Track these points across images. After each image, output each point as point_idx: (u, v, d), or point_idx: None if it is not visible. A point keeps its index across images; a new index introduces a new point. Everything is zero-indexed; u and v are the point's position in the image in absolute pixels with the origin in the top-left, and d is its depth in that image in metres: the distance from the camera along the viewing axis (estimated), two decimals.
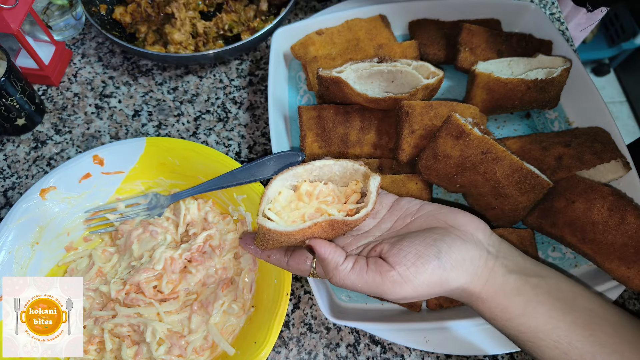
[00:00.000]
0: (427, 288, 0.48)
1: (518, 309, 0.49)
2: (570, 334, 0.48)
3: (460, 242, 0.50)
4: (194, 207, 0.71)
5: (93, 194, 0.71)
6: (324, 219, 0.50)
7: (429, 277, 0.48)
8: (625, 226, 0.62)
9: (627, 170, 0.71)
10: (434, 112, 0.70)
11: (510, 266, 0.51)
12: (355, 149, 0.75)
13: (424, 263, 0.48)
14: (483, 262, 0.50)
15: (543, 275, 0.52)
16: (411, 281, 0.47)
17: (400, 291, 0.48)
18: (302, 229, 0.49)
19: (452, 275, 0.48)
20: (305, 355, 0.68)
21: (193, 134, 0.85)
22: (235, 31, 0.91)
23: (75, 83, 0.89)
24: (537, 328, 0.49)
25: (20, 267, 0.64)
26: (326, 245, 0.51)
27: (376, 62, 0.73)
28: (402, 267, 0.48)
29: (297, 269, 0.55)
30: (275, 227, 0.49)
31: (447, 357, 0.68)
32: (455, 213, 0.54)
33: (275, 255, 0.56)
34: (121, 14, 0.90)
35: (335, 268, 0.50)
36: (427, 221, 0.54)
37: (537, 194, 0.66)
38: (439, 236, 0.50)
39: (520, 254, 0.54)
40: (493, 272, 0.50)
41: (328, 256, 0.50)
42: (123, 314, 0.63)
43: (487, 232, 0.54)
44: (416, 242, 0.50)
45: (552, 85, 0.76)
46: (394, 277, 0.48)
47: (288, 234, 0.49)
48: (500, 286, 0.50)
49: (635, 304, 0.72)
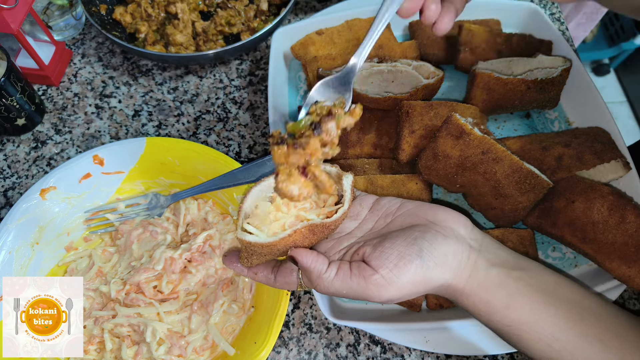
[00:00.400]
0: (411, 287, 0.48)
1: (501, 303, 0.49)
2: (553, 326, 0.48)
3: (442, 238, 0.50)
4: (194, 207, 0.71)
5: (93, 194, 0.71)
6: (302, 225, 0.49)
7: (412, 276, 0.48)
8: (625, 225, 0.62)
9: (627, 170, 0.71)
10: (434, 112, 0.70)
11: (493, 259, 0.51)
12: (355, 149, 0.75)
13: (406, 263, 0.48)
14: (465, 256, 0.50)
15: (526, 267, 0.52)
16: (394, 282, 0.47)
17: (384, 294, 0.48)
18: (282, 238, 0.48)
19: (435, 273, 0.48)
20: (305, 355, 0.68)
21: (193, 134, 0.85)
22: (235, 30, 0.91)
23: (75, 83, 0.89)
24: (520, 320, 0.49)
25: (20, 267, 0.64)
26: (308, 254, 0.50)
27: (376, 62, 0.73)
28: (385, 270, 0.47)
29: (285, 283, 0.54)
30: (256, 240, 0.48)
31: (447, 357, 0.68)
32: (435, 209, 0.54)
33: (262, 273, 0.55)
34: (121, 14, 0.90)
35: (318, 277, 0.49)
36: (408, 219, 0.54)
37: (537, 194, 0.66)
38: (420, 234, 0.50)
39: (503, 247, 0.54)
40: (476, 266, 0.50)
41: (310, 265, 0.49)
42: (123, 314, 0.63)
43: (469, 226, 0.53)
44: (397, 242, 0.49)
45: (552, 85, 0.76)
46: (377, 280, 0.47)
47: (270, 245, 0.48)
48: (483, 280, 0.50)
49: (635, 303, 0.72)
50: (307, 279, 0.52)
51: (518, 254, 0.54)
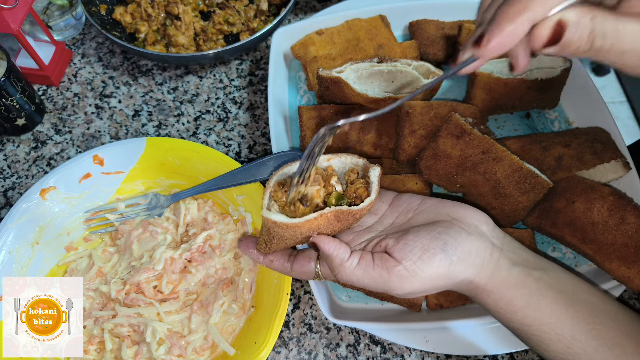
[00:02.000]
0: (434, 281, 0.48)
1: (522, 302, 0.49)
2: (573, 327, 0.48)
3: (465, 235, 0.50)
4: (194, 207, 0.71)
5: (93, 194, 0.71)
6: (329, 210, 0.49)
7: (436, 270, 0.47)
8: (625, 226, 0.62)
9: (627, 170, 0.71)
10: (434, 112, 0.70)
11: (514, 259, 0.51)
12: (355, 149, 0.75)
13: (430, 257, 0.47)
14: (488, 254, 0.50)
15: (545, 268, 0.52)
16: (418, 275, 0.47)
17: (408, 286, 0.48)
18: (308, 220, 0.48)
19: (458, 268, 0.48)
20: (305, 355, 0.68)
21: (193, 134, 0.85)
22: (235, 30, 0.91)
23: (75, 83, 0.89)
24: (541, 321, 0.49)
25: (20, 267, 0.64)
26: (330, 241, 0.50)
27: (376, 62, 0.73)
28: (409, 262, 0.47)
29: (301, 272, 0.54)
30: (282, 220, 0.48)
31: (447, 357, 0.68)
32: (457, 206, 0.54)
33: (279, 261, 0.55)
34: (121, 14, 0.90)
35: (340, 264, 0.49)
36: (430, 215, 0.54)
37: (537, 194, 0.66)
38: (444, 229, 0.50)
39: (523, 247, 0.54)
40: (498, 265, 0.50)
41: (333, 252, 0.50)
42: (123, 314, 0.63)
43: (491, 224, 0.53)
44: (421, 235, 0.49)
45: (552, 85, 0.76)
46: (400, 271, 0.47)
47: (294, 227, 0.48)
48: (504, 279, 0.50)
49: (635, 303, 0.72)
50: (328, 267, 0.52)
51: (537, 255, 0.54)
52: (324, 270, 0.53)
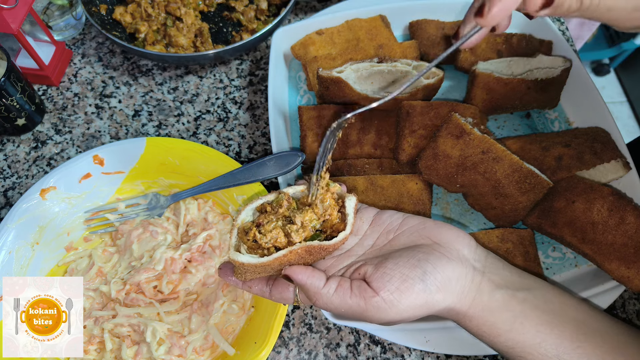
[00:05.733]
0: (413, 311, 0.47)
1: (506, 325, 0.49)
2: (558, 347, 0.48)
3: (446, 261, 0.49)
4: (194, 207, 0.71)
5: (93, 194, 0.71)
6: (299, 245, 0.48)
7: (414, 301, 0.47)
8: (625, 226, 0.62)
9: (627, 170, 0.71)
10: (434, 112, 0.70)
11: (497, 281, 0.50)
12: (355, 149, 0.75)
13: (408, 287, 0.47)
14: (469, 279, 0.49)
15: (531, 287, 0.51)
16: (395, 306, 0.47)
17: (385, 317, 0.47)
18: (277, 257, 0.47)
19: (437, 297, 0.48)
20: (305, 355, 0.68)
21: (193, 134, 0.85)
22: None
23: (75, 83, 0.89)
24: (525, 343, 0.48)
25: (20, 267, 0.64)
26: (302, 271, 0.49)
27: (376, 62, 0.73)
28: (386, 292, 0.47)
29: (281, 297, 0.53)
30: (249, 260, 0.47)
31: (447, 357, 0.68)
32: (439, 227, 0.53)
33: (257, 286, 0.54)
34: (121, 14, 0.90)
35: (316, 292, 0.49)
36: (411, 237, 0.52)
37: (537, 193, 0.66)
38: (424, 255, 0.49)
39: (508, 266, 0.53)
40: (480, 290, 0.49)
41: (307, 282, 0.49)
42: (123, 314, 0.63)
43: (473, 246, 0.52)
44: (400, 264, 0.48)
45: (552, 85, 0.76)
46: (378, 302, 0.47)
47: (263, 265, 0.47)
48: (487, 303, 0.49)
49: (635, 304, 0.72)
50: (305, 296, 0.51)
51: (523, 272, 0.53)
52: (302, 296, 0.52)
